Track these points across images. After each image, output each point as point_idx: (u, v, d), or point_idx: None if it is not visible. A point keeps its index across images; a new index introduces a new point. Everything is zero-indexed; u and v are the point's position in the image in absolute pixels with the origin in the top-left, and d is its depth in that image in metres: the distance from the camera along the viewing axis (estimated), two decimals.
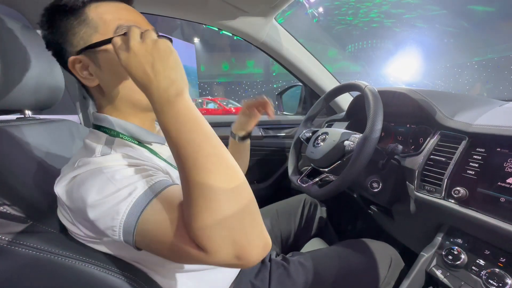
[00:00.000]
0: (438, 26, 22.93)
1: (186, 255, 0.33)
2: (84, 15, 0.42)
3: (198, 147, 0.32)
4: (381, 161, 0.70)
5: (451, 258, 0.54)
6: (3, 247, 0.39)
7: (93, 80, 0.45)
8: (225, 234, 0.31)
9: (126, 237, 0.35)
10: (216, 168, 0.32)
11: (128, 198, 0.34)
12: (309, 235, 0.92)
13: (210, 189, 0.31)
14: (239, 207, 0.31)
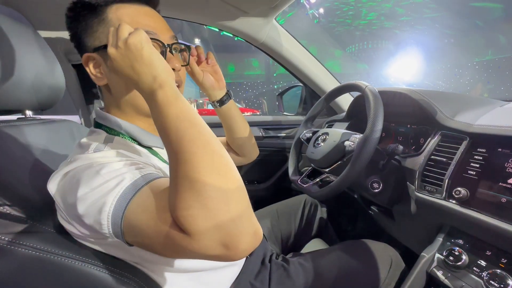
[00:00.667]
0: (438, 26, 22.91)
1: (171, 243, 0.32)
2: (104, 15, 0.43)
3: (183, 133, 0.33)
4: (381, 162, 0.70)
5: (452, 259, 0.54)
6: (2, 247, 0.39)
7: (102, 79, 0.45)
8: (209, 216, 0.29)
9: (114, 229, 0.34)
10: (200, 151, 0.32)
11: (115, 189, 0.34)
12: (309, 235, 0.92)
13: (194, 170, 0.30)
14: (224, 189, 0.31)
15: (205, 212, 0.29)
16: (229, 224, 0.29)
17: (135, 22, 0.43)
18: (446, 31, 22.54)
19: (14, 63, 0.49)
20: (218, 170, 0.32)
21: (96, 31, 0.43)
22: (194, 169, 0.31)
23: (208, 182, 0.30)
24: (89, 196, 0.34)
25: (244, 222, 0.31)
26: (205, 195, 0.30)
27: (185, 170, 0.31)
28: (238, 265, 0.59)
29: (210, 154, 0.32)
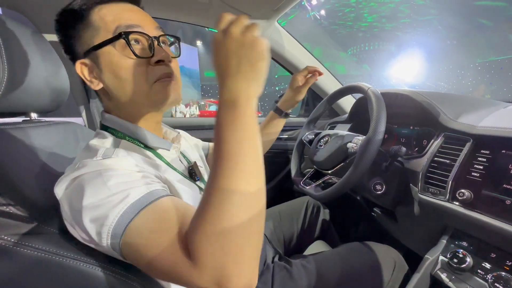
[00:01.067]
0: (440, 28, 22.87)
1: (169, 266, 0.32)
2: (88, 18, 0.43)
3: (242, 156, 0.31)
4: (384, 163, 0.70)
5: (456, 261, 0.54)
6: (7, 248, 0.39)
7: (97, 84, 0.45)
8: (221, 250, 0.29)
9: (113, 245, 0.34)
10: (248, 183, 0.31)
11: (119, 205, 0.34)
12: (312, 237, 0.91)
13: (233, 197, 0.30)
14: (248, 230, 0.30)
15: (221, 245, 0.29)
16: (233, 270, 0.29)
17: (118, 19, 0.42)
18: (448, 32, 22.50)
19: (20, 66, 0.50)
20: (253, 210, 0.31)
21: (83, 36, 0.43)
22: (235, 198, 0.30)
23: (240, 217, 0.30)
24: (93, 208, 0.34)
25: (246, 276, 0.30)
26: (230, 229, 0.29)
27: (225, 195, 0.30)
28: None
29: (256, 190, 0.31)
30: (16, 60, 0.49)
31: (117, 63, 0.42)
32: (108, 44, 0.42)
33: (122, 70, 0.42)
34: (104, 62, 0.43)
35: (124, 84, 0.43)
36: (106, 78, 0.44)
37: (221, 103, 0.33)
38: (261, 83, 0.34)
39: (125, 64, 0.42)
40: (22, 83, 0.51)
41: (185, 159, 0.57)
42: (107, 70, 0.43)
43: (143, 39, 0.43)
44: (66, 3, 0.46)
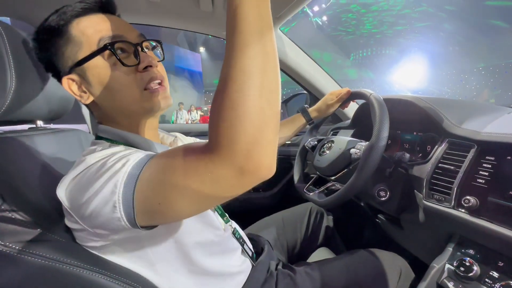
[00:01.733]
0: (442, 34, 22.91)
1: (193, 164, 0.31)
2: (67, 34, 0.42)
3: (260, 36, 0.29)
4: (388, 169, 0.70)
5: (463, 270, 0.52)
6: (12, 255, 0.39)
7: (87, 97, 0.45)
8: (243, 132, 0.28)
9: (126, 210, 0.34)
10: (266, 60, 0.30)
11: (122, 169, 0.34)
12: (315, 244, 0.90)
13: (253, 78, 0.29)
14: (267, 112, 0.29)
15: (242, 131, 0.28)
16: (254, 152, 0.29)
17: (98, 30, 0.42)
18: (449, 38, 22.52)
19: (27, 76, 0.51)
20: (272, 97, 0.30)
21: (65, 51, 0.43)
22: (252, 74, 0.29)
23: (259, 105, 0.29)
24: (98, 184, 0.35)
25: (266, 160, 0.30)
26: (248, 116, 0.28)
27: (243, 72, 0.29)
28: (244, 274, 0.58)
29: (270, 71, 0.30)
30: (24, 69, 0.50)
31: (106, 74, 0.42)
32: (94, 57, 0.42)
33: (112, 81, 0.43)
34: (92, 75, 0.43)
35: (116, 94, 0.43)
36: (96, 90, 0.44)
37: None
38: None
39: (114, 74, 0.42)
40: (29, 92, 0.52)
41: None
42: (96, 82, 0.43)
43: (127, 48, 0.44)
44: None
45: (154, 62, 0.46)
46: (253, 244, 0.71)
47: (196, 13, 0.91)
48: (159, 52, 0.52)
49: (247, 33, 0.29)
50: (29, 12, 0.82)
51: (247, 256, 0.62)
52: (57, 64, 0.45)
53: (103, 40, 0.42)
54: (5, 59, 0.46)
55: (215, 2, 0.84)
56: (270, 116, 0.30)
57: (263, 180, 0.31)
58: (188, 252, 0.48)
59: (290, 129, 0.89)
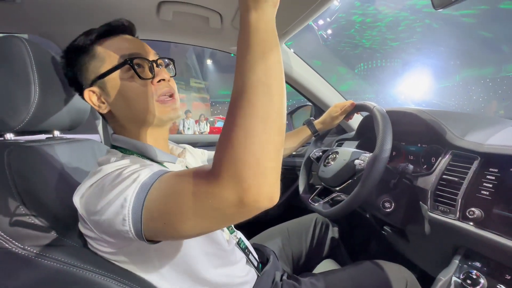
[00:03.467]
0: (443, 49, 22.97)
1: (194, 192, 0.33)
2: (93, 51, 0.48)
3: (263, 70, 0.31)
4: (392, 181, 0.70)
5: (470, 283, 0.52)
6: (30, 258, 0.41)
7: (105, 107, 0.50)
8: (239, 161, 0.29)
9: (135, 223, 0.36)
10: (270, 96, 0.31)
11: (133, 184, 0.37)
12: (320, 255, 0.90)
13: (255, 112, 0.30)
14: (267, 143, 0.30)
15: (239, 159, 0.29)
16: (252, 181, 0.29)
17: (120, 49, 0.48)
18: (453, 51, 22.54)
19: (48, 89, 0.55)
20: (274, 128, 0.31)
21: (89, 66, 0.48)
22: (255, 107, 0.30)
23: (259, 135, 0.30)
24: (110, 196, 0.37)
25: (266, 189, 0.30)
26: (248, 146, 0.30)
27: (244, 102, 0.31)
28: (249, 284, 0.59)
29: (277, 109, 0.31)
30: (46, 83, 0.54)
31: (124, 86, 0.48)
32: (115, 71, 0.47)
33: (129, 91, 0.48)
34: (111, 87, 0.48)
35: (131, 103, 0.49)
36: (113, 100, 0.49)
37: (241, 24, 0.33)
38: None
39: (131, 85, 0.48)
40: (50, 104, 0.56)
41: None
42: (114, 93, 0.48)
43: (144, 64, 0.49)
44: None
45: (167, 77, 0.51)
46: (258, 254, 0.71)
47: (206, 30, 0.95)
48: (171, 69, 0.57)
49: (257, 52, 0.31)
50: (50, 30, 0.87)
51: (252, 266, 0.63)
52: (80, 78, 0.50)
53: (123, 57, 0.48)
54: (30, 74, 0.50)
55: (224, 20, 0.89)
56: (273, 146, 0.31)
57: (266, 209, 0.32)
58: (193, 263, 0.49)
59: (296, 140, 0.91)
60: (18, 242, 0.41)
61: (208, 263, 0.51)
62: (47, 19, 0.83)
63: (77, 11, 0.80)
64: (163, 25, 0.91)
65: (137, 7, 0.82)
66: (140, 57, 0.49)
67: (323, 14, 2.11)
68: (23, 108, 0.50)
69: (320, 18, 19.89)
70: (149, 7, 0.82)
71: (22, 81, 0.50)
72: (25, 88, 0.50)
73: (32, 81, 0.50)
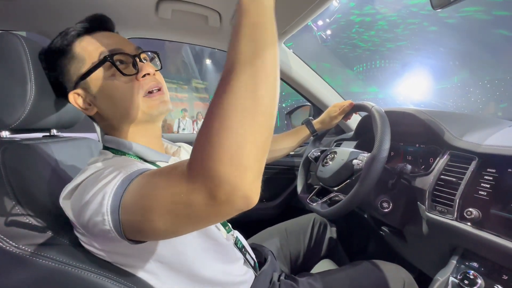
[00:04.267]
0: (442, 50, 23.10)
1: (172, 189, 0.30)
2: (71, 52, 0.47)
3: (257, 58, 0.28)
4: (390, 181, 0.70)
5: (467, 283, 0.52)
6: (25, 257, 0.41)
7: (92, 109, 0.49)
8: (213, 152, 0.26)
9: (113, 219, 0.34)
10: (260, 79, 0.28)
11: (113, 181, 0.35)
12: (318, 255, 0.90)
13: (243, 87, 0.27)
14: (254, 133, 0.27)
15: (212, 151, 0.27)
16: (226, 176, 0.26)
17: (99, 46, 0.46)
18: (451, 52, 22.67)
19: (45, 87, 0.54)
20: (264, 107, 0.28)
21: (70, 68, 0.47)
22: (243, 86, 0.27)
23: (236, 124, 0.27)
24: (92, 194, 0.36)
25: (242, 187, 0.27)
26: (221, 136, 0.27)
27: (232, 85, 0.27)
28: (247, 284, 0.59)
29: (260, 91, 0.28)
30: (43, 81, 0.53)
31: (107, 85, 0.46)
32: (96, 70, 0.45)
33: (114, 90, 0.46)
34: (95, 87, 0.47)
35: (117, 103, 0.47)
36: (99, 101, 0.47)
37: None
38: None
39: (115, 84, 0.46)
40: (47, 102, 0.55)
41: None
42: (99, 94, 0.47)
43: (126, 59, 0.48)
44: None
45: (152, 71, 0.49)
46: (256, 254, 0.71)
47: (205, 29, 0.95)
48: (157, 63, 0.55)
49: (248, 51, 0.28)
50: (47, 27, 0.87)
51: (249, 266, 0.63)
52: (63, 81, 0.49)
53: (103, 54, 0.45)
54: (27, 71, 0.50)
55: (223, 19, 0.88)
56: (253, 143, 0.27)
57: (243, 211, 0.29)
58: (189, 262, 0.48)
59: (294, 140, 0.91)
60: (12, 241, 0.41)
61: (204, 261, 0.50)
62: (45, 16, 0.82)
63: (75, 9, 0.80)
64: (162, 23, 0.90)
65: (135, 5, 0.82)
66: (121, 52, 0.46)
67: (323, 14, 2.06)
68: (19, 106, 0.49)
69: (320, 18, 19.92)
70: (148, 5, 0.81)
71: (18, 78, 0.49)
72: (21, 85, 0.49)
73: (28, 79, 0.50)
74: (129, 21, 0.90)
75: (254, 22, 0.29)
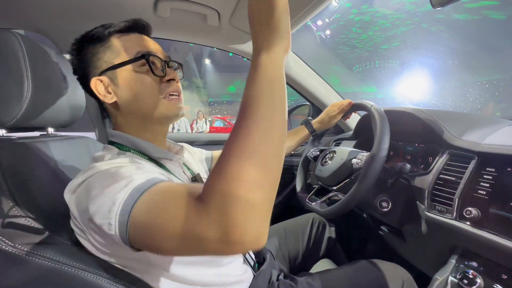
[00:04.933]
0: (442, 49, 23.12)
1: (180, 222, 0.31)
2: (109, 42, 0.50)
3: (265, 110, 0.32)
4: (389, 180, 0.70)
5: (466, 283, 0.52)
6: (21, 257, 0.40)
7: (111, 98, 0.50)
8: (229, 196, 0.28)
9: (121, 229, 0.35)
10: (268, 139, 0.31)
11: (125, 189, 0.35)
12: (317, 255, 0.90)
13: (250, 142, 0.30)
14: (262, 179, 0.29)
15: (229, 195, 0.28)
16: (240, 219, 0.28)
17: (137, 45, 0.50)
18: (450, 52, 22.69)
19: (43, 85, 0.54)
20: (274, 156, 0.31)
21: (103, 57, 0.49)
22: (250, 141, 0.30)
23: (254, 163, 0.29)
24: (101, 196, 0.36)
25: (253, 230, 0.29)
26: (242, 180, 0.29)
27: (241, 142, 0.30)
28: (245, 283, 0.58)
29: (274, 138, 0.31)
30: (40, 79, 0.53)
31: (136, 79, 0.49)
32: (129, 64, 0.49)
33: (140, 85, 0.49)
34: (122, 78, 0.49)
35: (139, 97, 0.49)
36: (122, 92, 0.50)
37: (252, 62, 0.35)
38: (283, 30, 0.34)
39: (143, 80, 0.49)
40: (44, 100, 0.55)
41: (189, 170, 0.60)
42: (124, 85, 0.49)
43: (157, 62, 0.52)
44: (86, 26, 0.52)
45: (177, 77, 0.54)
46: (255, 253, 0.71)
47: (204, 28, 0.94)
48: (179, 73, 0.59)
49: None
50: (45, 26, 0.86)
51: (248, 265, 0.62)
52: (89, 67, 0.51)
53: (140, 52, 0.49)
54: (24, 69, 0.49)
55: (222, 17, 0.88)
56: (267, 186, 0.30)
57: (253, 250, 0.30)
58: (188, 264, 0.48)
59: (294, 140, 0.91)
60: (8, 240, 0.41)
61: (199, 266, 0.51)
62: (43, 15, 0.82)
63: (73, 8, 0.79)
64: (160, 22, 0.90)
65: (134, 4, 0.81)
66: (156, 55, 0.51)
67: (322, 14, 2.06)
68: (15, 104, 0.49)
69: (319, 18, 19.93)
70: (146, 3, 0.81)
71: (14, 76, 0.49)
72: (17, 83, 0.49)
73: (25, 76, 0.49)
74: None
75: (270, 78, 0.34)
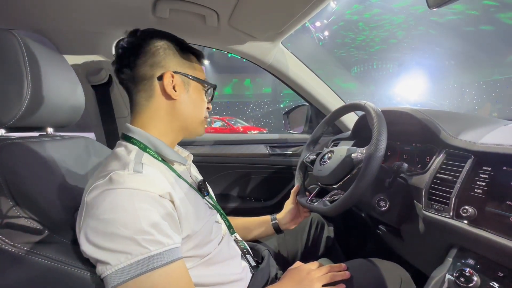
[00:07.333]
0: (438, 49, 23.27)
1: None
2: (190, 57, 0.60)
3: None
4: (387, 180, 0.70)
5: (463, 280, 0.52)
6: (20, 256, 0.40)
7: (175, 95, 0.55)
8: None
9: (115, 279, 0.38)
10: None
11: (141, 249, 0.39)
12: (316, 255, 0.90)
13: None
14: None
15: None
16: None
17: (203, 73, 0.62)
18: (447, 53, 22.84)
19: (42, 85, 0.54)
20: None
21: (184, 61, 0.58)
22: None
23: None
24: (115, 237, 0.38)
25: None
26: None
27: None
28: (244, 281, 0.59)
29: None
30: (39, 79, 0.53)
31: (199, 96, 0.60)
32: (201, 83, 0.60)
33: (199, 101, 0.60)
34: (192, 89, 0.58)
35: (194, 110, 0.59)
36: (186, 97, 0.57)
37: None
38: None
39: (202, 98, 0.61)
40: (43, 100, 0.55)
41: (194, 177, 0.62)
42: (192, 94, 0.58)
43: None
44: (85, 27, 0.52)
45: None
46: (254, 253, 0.71)
47: (202, 28, 0.95)
48: None
49: None
50: (44, 26, 0.86)
51: (247, 264, 0.63)
52: (170, 63, 0.56)
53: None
54: (23, 69, 0.49)
55: (220, 18, 0.88)
56: None
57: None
58: (186, 263, 0.49)
59: (264, 232, 0.85)
60: (8, 239, 0.41)
61: (197, 266, 0.52)
62: (43, 15, 0.82)
63: (73, 8, 0.80)
64: (159, 22, 0.90)
65: (133, 5, 0.81)
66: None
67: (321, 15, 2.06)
68: (15, 103, 0.49)
69: (317, 20, 19.98)
70: (145, 4, 0.81)
71: (14, 76, 0.49)
72: (17, 83, 0.49)
73: (25, 76, 0.49)
74: (126, 21, 0.90)
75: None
